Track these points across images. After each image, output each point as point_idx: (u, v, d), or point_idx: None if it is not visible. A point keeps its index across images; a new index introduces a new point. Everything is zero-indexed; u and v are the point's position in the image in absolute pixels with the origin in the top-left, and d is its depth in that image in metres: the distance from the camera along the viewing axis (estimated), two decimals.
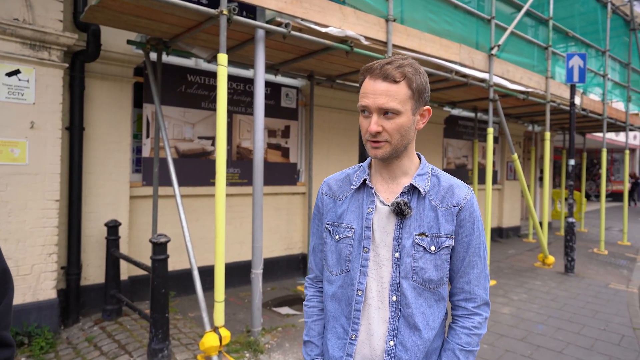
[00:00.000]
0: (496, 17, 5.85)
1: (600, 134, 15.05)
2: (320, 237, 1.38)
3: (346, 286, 1.26)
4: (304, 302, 1.44)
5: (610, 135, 17.00)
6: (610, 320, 4.64)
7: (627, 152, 9.57)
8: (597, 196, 21.87)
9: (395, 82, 1.15)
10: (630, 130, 10.26)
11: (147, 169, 4.79)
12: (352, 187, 1.30)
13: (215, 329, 3.40)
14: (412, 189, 1.24)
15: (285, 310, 4.71)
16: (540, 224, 7.33)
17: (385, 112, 1.16)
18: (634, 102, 10.10)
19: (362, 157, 7.26)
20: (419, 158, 1.31)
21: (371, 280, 1.23)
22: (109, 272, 4.08)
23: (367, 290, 1.23)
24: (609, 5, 8.49)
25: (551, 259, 7.00)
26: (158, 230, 4.77)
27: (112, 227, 4.11)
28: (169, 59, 4.92)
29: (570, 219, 6.70)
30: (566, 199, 11.67)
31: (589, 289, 5.86)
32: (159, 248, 3.29)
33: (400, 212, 1.19)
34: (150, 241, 3.32)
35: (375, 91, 1.15)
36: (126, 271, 4.51)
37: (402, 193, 1.23)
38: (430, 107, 1.25)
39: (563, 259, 6.90)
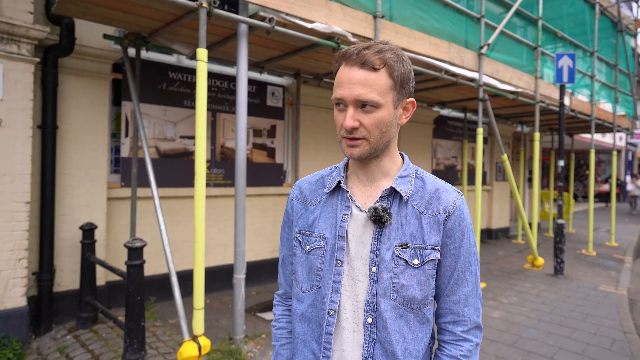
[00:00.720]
0: (485, 16, 5.77)
1: (587, 135, 15.15)
2: (290, 247, 1.22)
3: (317, 305, 1.10)
4: (272, 323, 1.29)
5: (596, 137, 17.13)
6: (601, 324, 4.57)
7: (615, 153, 9.59)
8: (584, 197, 22.07)
9: (375, 69, 1.00)
10: (618, 131, 10.30)
11: (125, 170, 4.60)
12: (325, 190, 1.15)
13: (194, 338, 3.24)
14: (392, 193, 1.08)
15: (270, 315, 4.55)
16: (530, 225, 7.28)
17: (362, 105, 1.01)
18: (621, 103, 10.13)
19: None
20: (402, 158, 1.16)
21: (345, 299, 1.07)
22: (84, 278, 3.89)
23: (340, 311, 1.07)
24: (597, 7, 8.49)
25: (540, 260, 6.95)
26: (137, 233, 4.58)
27: (88, 230, 3.92)
28: (149, 55, 4.74)
29: (560, 221, 6.65)
30: (555, 200, 11.70)
31: (579, 292, 5.80)
32: (135, 253, 3.12)
33: (378, 219, 1.04)
34: (125, 246, 3.14)
35: (351, 80, 1.00)
36: (103, 276, 4.32)
37: (381, 197, 1.07)
38: (419, 105, 1.10)
39: (552, 260, 6.85)
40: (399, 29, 4.56)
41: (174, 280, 3.43)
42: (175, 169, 4.94)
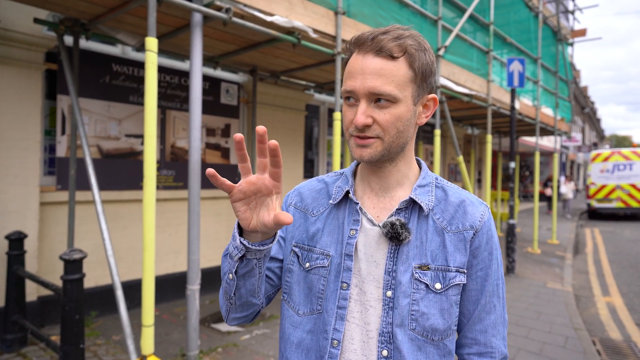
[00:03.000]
0: (442, 18, 5.81)
1: (528, 138, 16.00)
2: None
3: (317, 332, 0.93)
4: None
5: (533, 140, 18.16)
6: (554, 322, 4.71)
7: (556, 155, 10.12)
8: (525, 196, 23.40)
9: (392, 58, 0.85)
10: (559, 135, 10.89)
11: (62, 171, 4.13)
12: (330, 201, 0.99)
13: (142, 358, 2.91)
14: (411, 205, 0.93)
15: (225, 327, 4.27)
16: None
17: (377, 99, 0.85)
18: (560, 108, 10.73)
19: (307, 159, 6.97)
20: (419, 164, 1.01)
21: (353, 327, 0.91)
22: (11, 294, 3.42)
23: (346, 341, 0.91)
24: (540, 16, 8.91)
25: None
26: (77, 242, 4.14)
27: (16, 240, 3.46)
28: (89, 44, 4.30)
29: (511, 221, 6.85)
30: (503, 200, 12.17)
31: (530, 290, 5.98)
32: (72, 266, 2.75)
33: (395, 235, 0.88)
34: (61, 258, 2.76)
35: (365, 69, 0.85)
36: (34, 291, 3.84)
37: (398, 210, 0.92)
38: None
39: (504, 260, 7.05)
40: (360, 26, 4.44)
41: (119, 294, 3.08)
42: (120, 170, 4.53)
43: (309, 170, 7.03)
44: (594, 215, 16.75)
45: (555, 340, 4.19)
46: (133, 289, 4.47)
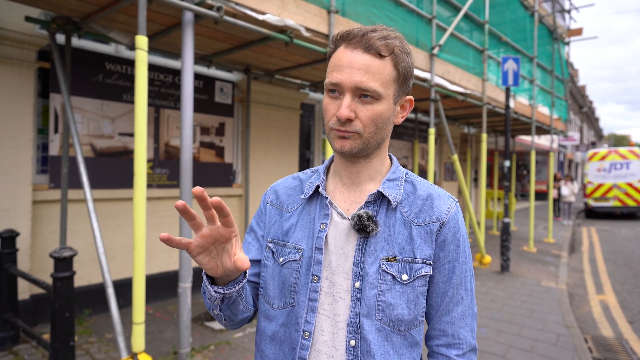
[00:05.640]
0: (436, 17, 5.82)
1: (525, 137, 16.01)
2: (248, 250, 1.07)
3: (290, 325, 0.96)
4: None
5: (530, 138, 18.19)
6: (546, 319, 4.72)
7: (552, 154, 10.13)
8: (522, 195, 23.45)
9: (380, 56, 0.88)
10: (555, 134, 10.91)
11: (55, 169, 4.14)
12: (302, 196, 1.01)
13: (133, 356, 2.92)
14: (379, 198, 0.96)
15: (219, 325, 4.28)
16: (478, 223, 7.46)
17: (361, 95, 0.88)
18: (556, 107, 10.75)
19: (303, 158, 6.98)
20: (390, 160, 1.04)
21: (323, 319, 0.93)
22: (2, 292, 3.42)
23: (316, 332, 0.93)
24: (536, 15, 8.92)
25: (488, 258, 7.14)
26: (69, 240, 4.14)
27: (8, 238, 3.46)
28: (82, 43, 4.30)
29: (505, 220, 6.86)
30: (499, 199, 12.20)
31: (524, 288, 6.00)
32: (62, 264, 2.76)
33: (362, 227, 0.91)
34: (51, 256, 2.77)
35: (353, 64, 0.87)
36: (27, 289, 3.85)
37: (367, 203, 0.95)
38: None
39: (499, 258, 7.07)
40: (353, 25, 4.45)
41: (110, 292, 3.09)
42: (113, 169, 4.53)
43: (305, 169, 7.03)
44: (591, 214, 16.78)
45: (547, 338, 4.20)
46: (127, 288, 4.48)
